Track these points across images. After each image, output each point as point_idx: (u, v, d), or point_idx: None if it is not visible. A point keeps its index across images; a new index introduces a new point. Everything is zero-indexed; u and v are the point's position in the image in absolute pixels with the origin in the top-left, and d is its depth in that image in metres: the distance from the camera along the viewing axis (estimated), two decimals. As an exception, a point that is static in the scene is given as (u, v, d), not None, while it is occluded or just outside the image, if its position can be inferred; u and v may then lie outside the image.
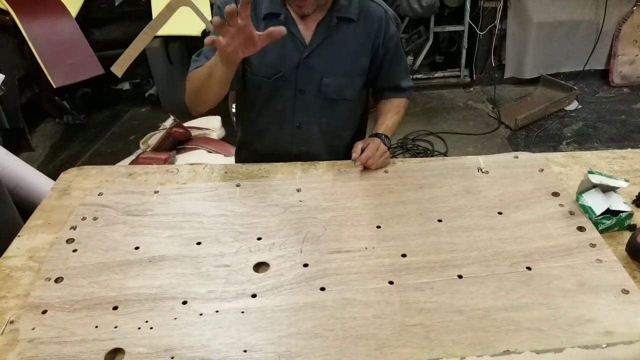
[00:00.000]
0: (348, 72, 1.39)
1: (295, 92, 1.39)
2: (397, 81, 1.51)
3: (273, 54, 1.33)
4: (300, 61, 1.34)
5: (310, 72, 1.36)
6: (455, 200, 1.20)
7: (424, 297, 0.95)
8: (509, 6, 3.59)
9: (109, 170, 1.35)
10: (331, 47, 1.34)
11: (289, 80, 1.37)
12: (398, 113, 1.51)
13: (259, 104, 1.44)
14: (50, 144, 3.45)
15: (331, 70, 1.36)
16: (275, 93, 1.39)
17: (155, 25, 3.11)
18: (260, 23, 1.31)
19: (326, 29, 1.32)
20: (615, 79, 3.85)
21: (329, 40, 1.33)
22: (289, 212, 1.18)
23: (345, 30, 1.33)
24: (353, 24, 1.33)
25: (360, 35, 1.35)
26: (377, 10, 1.36)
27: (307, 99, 1.40)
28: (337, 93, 1.40)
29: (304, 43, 1.32)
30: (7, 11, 2.89)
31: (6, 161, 2.23)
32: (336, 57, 1.35)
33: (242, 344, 0.87)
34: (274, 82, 1.37)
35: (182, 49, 3.50)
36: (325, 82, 1.37)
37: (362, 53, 1.38)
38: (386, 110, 1.50)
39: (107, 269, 1.03)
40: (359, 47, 1.37)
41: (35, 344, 0.88)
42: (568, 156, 1.38)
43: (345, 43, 1.35)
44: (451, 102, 3.82)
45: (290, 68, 1.35)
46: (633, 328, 0.88)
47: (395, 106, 1.51)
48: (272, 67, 1.35)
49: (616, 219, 1.09)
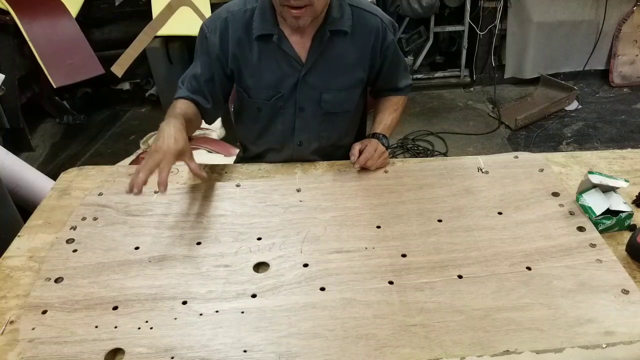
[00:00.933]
0: (347, 85, 1.37)
1: (295, 110, 1.38)
2: (395, 83, 1.50)
3: (270, 76, 1.32)
4: (298, 80, 1.32)
5: (309, 89, 1.34)
6: (455, 200, 1.20)
7: (424, 297, 0.95)
8: (509, 6, 3.59)
9: (109, 170, 1.35)
10: (328, 62, 1.31)
11: (288, 99, 1.35)
12: (396, 110, 1.49)
13: (260, 126, 1.43)
14: (50, 144, 3.45)
15: (330, 85, 1.34)
16: (275, 114, 1.39)
17: (155, 25, 3.11)
18: (254, 44, 1.29)
19: (320, 45, 1.28)
20: (615, 79, 3.85)
21: (325, 56, 1.30)
22: (289, 212, 1.18)
23: (340, 44, 1.30)
24: (348, 36, 1.30)
25: (356, 48, 1.32)
26: (373, 21, 1.32)
27: (307, 116, 1.39)
28: (337, 107, 1.39)
29: (300, 61, 1.30)
30: (7, 11, 2.89)
31: (6, 161, 2.22)
32: (334, 72, 1.33)
33: (242, 344, 0.87)
34: (273, 103, 1.36)
35: (182, 49, 3.50)
36: (325, 98, 1.36)
37: (360, 65, 1.35)
38: (384, 108, 1.49)
39: (107, 269, 1.03)
40: (355, 59, 1.34)
41: (35, 344, 0.88)
42: (568, 156, 1.38)
43: (341, 57, 1.32)
44: (451, 102, 3.82)
45: (288, 88, 1.33)
46: (633, 328, 0.88)
47: (394, 103, 1.50)
48: (271, 89, 1.34)
49: (616, 219, 1.09)
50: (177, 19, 3.11)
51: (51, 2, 3.01)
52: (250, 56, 1.30)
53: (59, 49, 2.92)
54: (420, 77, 3.98)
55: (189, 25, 3.13)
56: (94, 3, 3.39)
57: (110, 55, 3.19)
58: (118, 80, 3.64)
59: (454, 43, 4.11)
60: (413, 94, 3.93)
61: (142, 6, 3.39)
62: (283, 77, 1.32)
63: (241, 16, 1.28)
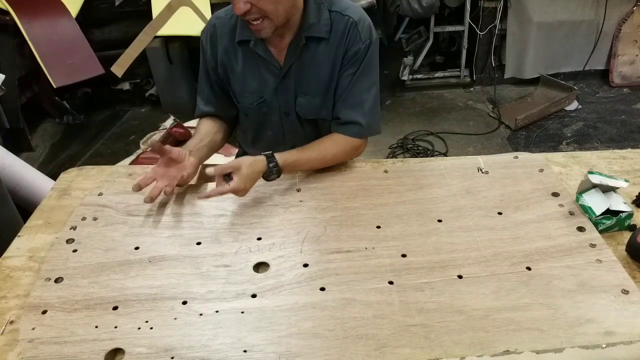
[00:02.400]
0: (321, 91, 1.31)
1: (281, 115, 1.38)
2: (341, 110, 1.30)
3: (252, 81, 1.33)
4: (277, 84, 1.32)
5: (287, 94, 1.33)
6: (455, 201, 1.20)
7: (424, 297, 0.95)
8: (509, 6, 3.59)
9: (109, 170, 1.35)
10: (302, 67, 1.28)
11: (271, 104, 1.36)
12: (325, 151, 1.27)
13: (252, 132, 1.45)
14: (50, 144, 3.45)
15: (304, 90, 1.31)
16: (263, 119, 1.40)
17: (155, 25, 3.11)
18: (237, 49, 1.30)
19: (296, 50, 1.26)
20: (615, 79, 3.85)
21: (300, 61, 1.28)
22: (289, 212, 1.18)
23: (315, 50, 1.26)
24: (324, 42, 1.25)
25: (330, 53, 1.26)
26: (352, 28, 1.24)
27: (293, 121, 1.38)
28: (313, 113, 1.35)
29: (279, 66, 1.29)
30: (7, 11, 2.89)
31: (6, 161, 2.22)
32: (310, 77, 1.29)
33: (242, 344, 0.87)
34: (257, 108, 1.36)
35: (182, 49, 3.50)
36: (299, 102, 1.33)
37: (335, 72, 1.28)
38: (314, 143, 1.30)
39: (107, 269, 1.03)
40: (330, 65, 1.27)
41: (35, 344, 0.88)
42: (568, 156, 1.38)
43: (315, 62, 1.28)
44: (451, 102, 3.82)
45: (270, 93, 1.33)
46: (633, 328, 0.88)
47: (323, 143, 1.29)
48: (255, 94, 1.34)
49: (616, 219, 1.09)
50: (177, 19, 3.11)
51: (51, 2, 3.01)
52: (234, 62, 1.32)
53: (59, 49, 2.92)
54: (420, 77, 3.98)
55: (189, 25, 3.13)
56: (94, 3, 3.39)
57: (110, 55, 3.19)
58: (118, 80, 3.64)
59: (454, 43, 4.11)
60: (413, 94, 3.93)
61: (142, 6, 3.39)
62: (264, 82, 1.32)
63: (227, 22, 1.30)
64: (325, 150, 1.28)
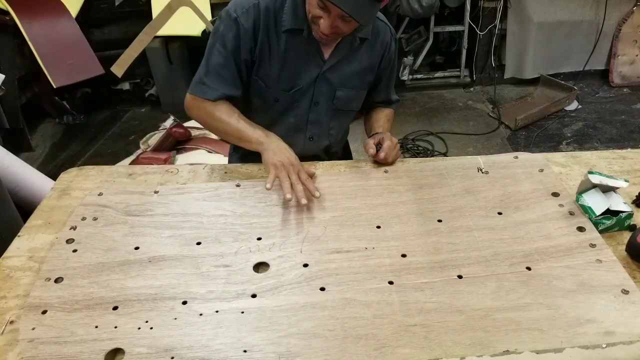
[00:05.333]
0: (358, 86, 1.44)
1: (310, 104, 1.41)
2: (389, 95, 1.58)
3: (292, 68, 1.34)
4: (318, 75, 1.36)
5: (326, 85, 1.39)
6: (455, 201, 1.20)
7: (424, 297, 0.95)
8: (509, 6, 3.59)
9: (109, 170, 1.35)
10: (347, 63, 1.38)
11: (306, 93, 1.39)
12: (389, 121, 1.56)
13: (273, 116, 1.44)
14: (50, 144, 3.45)
15: (345, 84, 1.41)
16: (291, 105, 1.41)
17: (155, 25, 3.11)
18: (281, 36, 1.29)
19: (348, 48, 1.34)
20: (615, 79, 3.85)
21: (347, 57, 1.37)
22: (289, 212, 1.18)
23: (358, 48, 1.37)
24: (366, 41, 1.37)
25: (370, 53, 1.40)
26: (385, 31, 1.41)
27: (320, 111, 1.43)
28: (347, 105, 1.46)
29: (324, 58, 1.34)
30: (7, 11, 2.89)
31: (6, 161, 2.23)
32: (350, 72, 1.39)
33: (242, 344, 0.87)
34: (291, 95, 1.38)
35: (182, 49, 3.50)
36: (339, 95, 1.42)
37: (370, 69, 1.43)
38: (378, 117, 1.54)
39: (107, 269, 1.03)
40: (369, 63, 1.41)
41: (35, 344, 0.88)
42: (568, 156, 1.38)
43: (358, 59, 1.39)
44: (451, 102, 3.82)
45: (307, 82, 1.37)
46: (633, 328, 0.88)
47: (386, 114, 1.56)
48: (291, 81, 1.36)
49: (616, 219, 1.09)
50: (177, 19, 3.11)
51: (51, 2, 3.01)
52: (276, 46, 1.31)
53: (58, 49, 2.93)
54: (420, 77, 3.99)
55: (189, 25, 3.13)
56: (94, 3, 3.39)
57: (110, 55, 3.20)
58: (118, 80, 3.64)
59: (454, 43, 4.11)
60: (413, 94, 3.94)
61: (142, 6, 3.40)
62: (304, 71, 1.35)
63: (272, 5, 1.28)
64: (390, 121, 1.57)
